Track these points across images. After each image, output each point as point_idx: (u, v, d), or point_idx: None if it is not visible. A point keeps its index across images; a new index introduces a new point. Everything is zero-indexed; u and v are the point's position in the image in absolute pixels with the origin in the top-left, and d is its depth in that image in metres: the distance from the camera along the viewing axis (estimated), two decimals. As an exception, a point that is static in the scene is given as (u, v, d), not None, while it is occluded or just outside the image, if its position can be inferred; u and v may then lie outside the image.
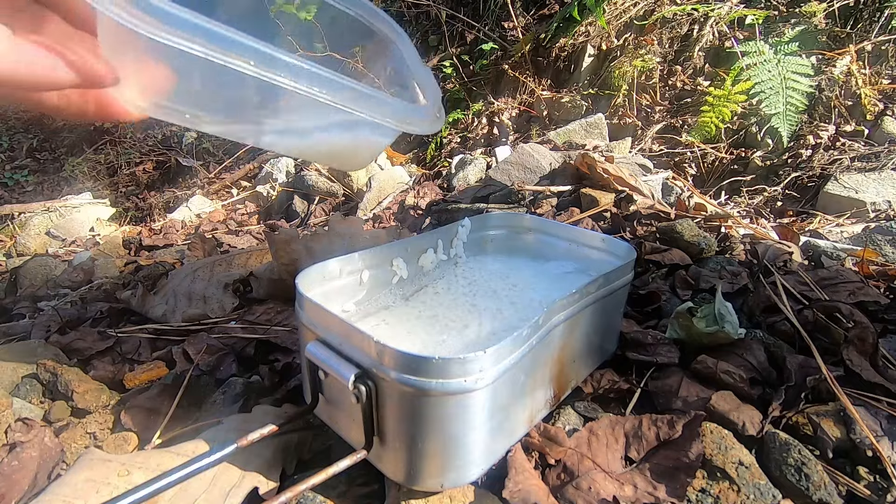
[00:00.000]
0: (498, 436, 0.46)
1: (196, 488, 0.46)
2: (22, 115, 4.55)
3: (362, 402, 0.41)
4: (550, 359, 0.51)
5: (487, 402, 0.42)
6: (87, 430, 0.61)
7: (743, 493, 0.47)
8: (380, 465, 0.45)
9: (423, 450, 0.42)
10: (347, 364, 0.42)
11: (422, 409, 0.40)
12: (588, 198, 1.15)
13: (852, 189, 1.49)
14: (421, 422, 0.41)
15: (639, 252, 0.88)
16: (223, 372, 0.70)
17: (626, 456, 0.51)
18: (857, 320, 0.65)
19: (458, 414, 0.41)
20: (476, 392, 0.40)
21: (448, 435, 0.42)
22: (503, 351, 0.41)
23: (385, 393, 0.41)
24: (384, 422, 0.42)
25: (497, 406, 0.44)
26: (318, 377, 0.47)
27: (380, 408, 0.42)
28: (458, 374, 0.39)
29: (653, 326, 0.71)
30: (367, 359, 0.41)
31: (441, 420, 0.41)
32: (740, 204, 1.65)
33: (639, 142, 1.93)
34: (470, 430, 0.42)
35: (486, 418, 0.43)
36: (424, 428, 0.41)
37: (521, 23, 2.47)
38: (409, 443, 0.42)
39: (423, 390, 0.39)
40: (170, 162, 3.41)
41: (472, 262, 0.73)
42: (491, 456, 0.47)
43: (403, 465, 0.43)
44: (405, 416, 0.41)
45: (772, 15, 1.85)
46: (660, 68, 2.04)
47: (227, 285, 0.91)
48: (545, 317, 0.47)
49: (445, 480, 0.44)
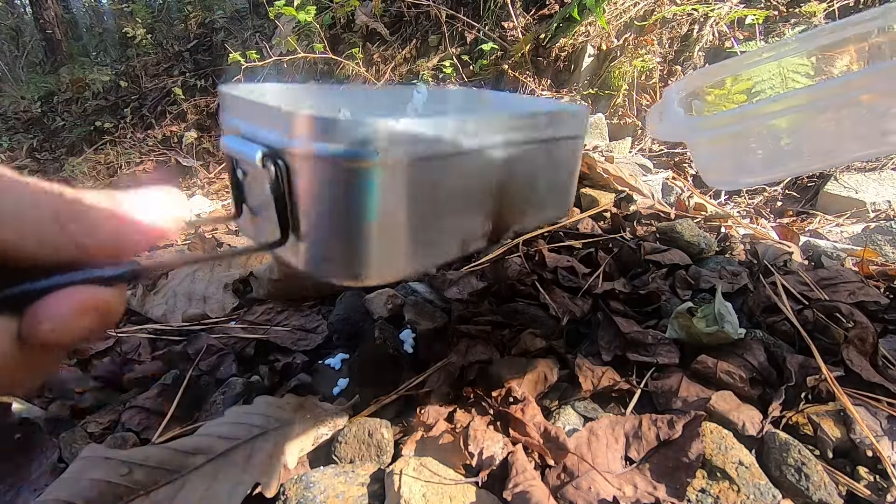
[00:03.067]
0: (422, 241, 0.44)
1: (198, 485, 0.46)
2: (22, 116, 4.56)
3: (272, 181, 0.38)
4: (486, 185, 0.49)
5: (404, 186, 0.40)
6: (87, 431, 0.61)
7: (743, 493, 0.47)
8: (294, 259, 0.43)
9: (336, 233, 0.39)
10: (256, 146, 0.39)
11: (332, 181, 0.38)
12: (588, 198, 1.15)
13: (852, 189, 1.49)
14: (332, 197, 0.38)
15: (639, 252, 0.88)
16: (223, 372, 0.70)
17: (626, 456, 0.51)
18: (857, 320, 0.65)
19: (370, 189, 0.38)
20: (389, 168, 0.38)
21: (361, 214, 0.39)
22: (422, 131, 0.39)
23: (295, 170, 0.38)
24: (297, 206, 0.40)
25: (417, 199, 0.41)
26: (237, 179, 0.45)
27: (291, 190, 0.39)
28: (369, 141, 0.36)
29: (653, 326, 0.71)
30: (276, 135, 0.39)
31: (352, 194, 0.38)
32: (740, 204, 1.66)
33: (639, 142, 1.93)
34: (386, 214, 0.40)
35: (405, 208, 0.41)
36: (335, 205, 0.38)
37: (521, 23, 2.47)
38: (320, 225, 0.39)
39: (331, 157, 0.37)
40: (170, 162, 3.41)
41: None
42: (415, 261, 0.44)
43: (317, 251, 0.41)
44: (315, 191, 0.38)
45: (772, 15, 1.85)
46: (660, 68, 2.04)
47: (227, 285, 0.91)
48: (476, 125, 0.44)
49: (362, 272, 0.41)
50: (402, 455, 0.53)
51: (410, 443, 0.54)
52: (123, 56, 5.03)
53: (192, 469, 0.48)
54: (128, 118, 3.87)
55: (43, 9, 5.72)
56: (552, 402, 0.61)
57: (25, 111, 4.59)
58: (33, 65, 6.34)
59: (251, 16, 4.00)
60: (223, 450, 0.50)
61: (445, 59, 2.61)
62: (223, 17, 4.11)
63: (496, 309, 0.76)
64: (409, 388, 0.62)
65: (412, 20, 2.89)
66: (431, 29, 2.81)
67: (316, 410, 0.58)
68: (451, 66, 2.56)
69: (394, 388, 0.62)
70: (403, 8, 2.86)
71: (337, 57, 2.65)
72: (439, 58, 2.65)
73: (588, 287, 0.79)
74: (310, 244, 0.41)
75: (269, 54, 2.76)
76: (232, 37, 3.91)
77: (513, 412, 0.54)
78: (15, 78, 5.96)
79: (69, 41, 6.18)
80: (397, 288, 0.81)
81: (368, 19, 2.91)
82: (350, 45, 2.87)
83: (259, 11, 3.82)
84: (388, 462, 0.54)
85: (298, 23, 2.71)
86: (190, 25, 4.32)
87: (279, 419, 0.56)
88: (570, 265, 0.85)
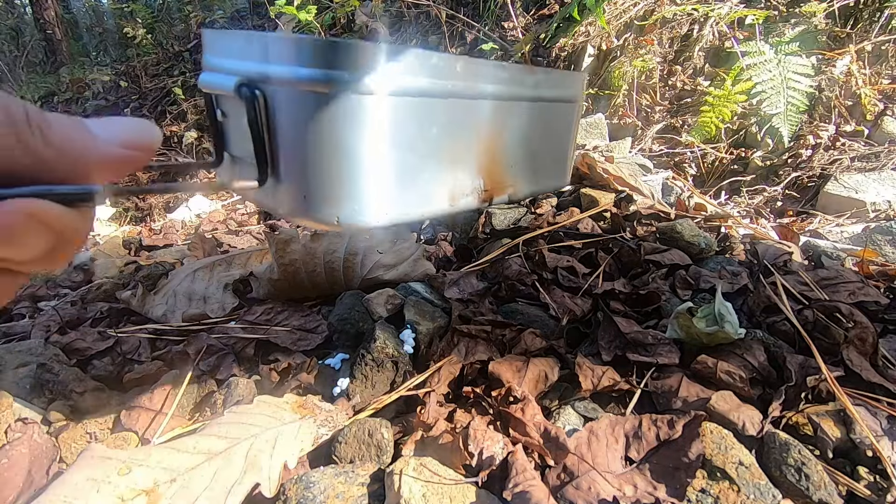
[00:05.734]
0: (407, 186, 0.42)
1: (197, 485, 0.46)
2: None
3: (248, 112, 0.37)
4: (476, 137, 0.47)
5: (387, 119, 0.38)
6: (87, 430, 0.61)
7: (743, 493, 0.47)
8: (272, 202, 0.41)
9: (314, 167, 0.38)
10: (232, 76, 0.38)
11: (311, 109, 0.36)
12: (588, 198, 1.15)
13: (852, 189, 1.49)
14: (310, 127, 0.37)
15: (639, 252, 0.88)
16: (223, 372, 0.70)
17: (626, 456, 0.51)
18: (857, 320, 0.65)
19: (350, 118, 0.37)
20: (371, 97, 0.37)
21: (341, 147, 0.38)
22: (406, 61, 0.38)
23: (273, 98, 0.37)
24: (275, 140, 0.38)
25: (402, 136, 0.40)
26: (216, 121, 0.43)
27: (269, 122, 0.38)
28: (349, 66, 0.35)
29: (653, 326, 0.71)
30: (254, 63, 0.38)
31: (332, 124, 0.37)
32: (740, 204, 1.65)
33: (639, 142, 1.93)
34: (367, 148, 0.38)
35: (388, 144, 0.39)
36: (314, 136, 0.37)
37: (521, 23, 2.47)
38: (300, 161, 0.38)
39: (310, 83, 0.35)
40: (170, 162, 3.41)
41: None
42: (399, 207, 0.42)
43: (295, 191, 0.39)
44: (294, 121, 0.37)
45: (772, 15, 1.85)
46: (660, 68, 2.04)
47: (227, 285, 0.91)
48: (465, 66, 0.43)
49: (341, 212, 0.39)
50: (402, 455, 0.53)
51: (410, 443, 0.54)
52: (123, 56, 5.03)
53: (192, 469, 0.48)
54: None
55: (43, 9, 5.72)
56: (552, 402, 0.61)
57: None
58: (33, 65, 6.34)
59: (251, 16, 4.00)
60: (223, 450, 0.50)
61: (445, 59, 2.60)
62: (223, 17, 4.11)
63: (496, 309, 0.76)
64: (409, 388, 0.62)
65: (412, 20, 2.89)
66: (431, 29, 2.80)
67: (316, 410, 0.58)
68: (451, 66, 2.55)
69: (394, 388, 0.63)
70: (403, 8, 2.86)
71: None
72: (439, 58, 2.65)
73: (588, 287, 0.79)
74: (288, 182, 0.39)
75: (269, 54, 2.76)
76: (232, 37, 3.91)
77: (513, 412, 0.54)
78: (15, 78, 5.96)
79: (69, 41, 6.17)
80: (397, 288, 0.81)
81: (368, 19, 2.92)
82: (350, 45, 2.87)
83: (259, 11, 3.82)
84: (388, 462, 0.54)
85: (299, 22, 2.71)
86: (190, 25, 4.32)
87: (279, 419, 0.56)
88: (570, 265, 0.85)
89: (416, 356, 0.69)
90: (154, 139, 0.25)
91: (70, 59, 5.86)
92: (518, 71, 0.50)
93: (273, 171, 0.39)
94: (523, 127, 0.52)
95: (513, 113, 0.50)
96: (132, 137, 0.24)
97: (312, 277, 0.84)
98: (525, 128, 0.52)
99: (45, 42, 6.04)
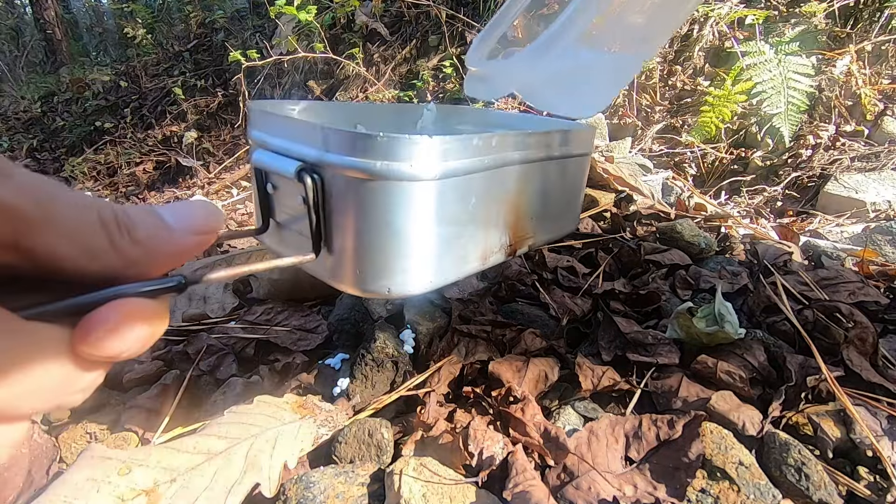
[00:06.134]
0: (448, 254, 0.46)
1: (197, 485, 0.46)
2: (22, 116, 4.56)
3: (308, 196, 0.40)
4: (505, 199, 0.51)
5: (434, 200, 0.41)
6: (87, 430, 0.61)
7: (743, 493, 0.47)
8: (325, 273, 0.44)
9: (368, 246, 0.41)
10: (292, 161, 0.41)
11: (367, 195, 0.39)
12: (588, 198, 1.15)
13: (852, 189, 1.49)
14: (366, 211, 0.40)
15: (639, 252, 0.88)
16: (223, 372, 0.70)
17: (626, 456, 0.51)
18: (857, 320, 0.65)
19: (403, 203, 0.40)
20: (421, 182, 0.40)
21: (393, 228, 0.41)
22: (451, 147, 0.41)
23: (330, 184, 0.40)
24: (330, 220, 0.41)
25: (446, 212, 0.43)
26: (266, 193, 0.46)
27: (326, 203, 0.41)
28: (403, 157, 0.39)
29: (653, 326, 0.71)
30: (312, 150, 0.40)
31: (386, 208, 0.40)
32: (740, 204, 1.66)
33: (639, 142, 1.93)
34: (417, 227, 0.41)
35: (434, 221, 0.42)
36: (369, 218, 0.40)
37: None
38: (354, 239, 0.41)
39: (367, 172, 0.38)
40: (170, 162, 3.41)
41: None
42: (441, 274, 0.46)
43: (350, 266, 0.42)
44: (350, 205, 0.40)
45: (772, 15, 1.85)
46: (660, 68, 2.04)
47: (227, 285, 0.91)
48: (499, 141, 0.46)
49: (392, 284, 0.43)
50: (402, 455, 0.53)
51: (410, 443, 0.54)
52: (123, 56, 5.03)
53: (192, 469, 0.48)
54: (128, 118, 3.87)
55: (43, 9, 5.72)
56: (552, 402, 0.61)
57: (25, 111, 4.59)
58: (33, 65, 6.34)
59: (251, 16, 4.00)
60: (223, 450, 0.50)
61: (445, 59, 2.61)
62: (223, 17, 4.11)
63: (496, 309, 0.76)
64: (409, 388, 0.62)
65: (412, 20, 2.89)
66: (431, 29, 2.80)
67: (316, 410, 0.58)
68: (451, 66, 2.56)
69: (394, 388, 0.63)
70: (403, 8, 2.86)
71: (337, 57, 2.65)
72: (439, 58, 2.65)
73: (588, 287, 0.79)
74: (341, 258, 0.42)
75: (270, 54, 2.76)
76: (232, 37, 3.91)
77: (513, 412, 0.54)
78: (15, 78, 5.96)
79: (69, 41, 6.17)
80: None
81: (368, 19, 2.92)
82: (350, 45, 2.87)
83: (259, 11, 3.82)
84: (388, 462, 0.54)
85: (299, 22, 2.71)
86: (190, 25, 4.32)
87: (279, 419, 0.56)
88: (570, 265, 0.85)
89: (416, 356, 0.69)
90: (220, 221, 0.26)
91: (70, 59, 5.86)
92: (541, 135, 0.54)
93: (326, 246, 0.42)
94: (545, 183, 0.56)
95: (538, 173, 0.54)
96: (202, 223, 0.25)
97: (312, 278, 0.83)
98: (547, 183, 0.56)
99: (45, 42, 6.04)
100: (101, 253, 0.21)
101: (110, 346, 0.21)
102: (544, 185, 0.56)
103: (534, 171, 0.53)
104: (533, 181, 0.54)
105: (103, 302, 0.21)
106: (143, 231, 0.22)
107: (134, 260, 0.22)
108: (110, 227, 0.21)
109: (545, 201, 0.58)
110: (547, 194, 0.57)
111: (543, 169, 0.55)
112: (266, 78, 3.25)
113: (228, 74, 3.61)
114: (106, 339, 0.20)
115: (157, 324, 0.23)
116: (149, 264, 0.23)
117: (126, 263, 0.22)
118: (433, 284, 0.45)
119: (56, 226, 0.19)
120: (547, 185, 0.57)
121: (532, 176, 0.54)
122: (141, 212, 0.23)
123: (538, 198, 0.56)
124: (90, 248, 0.21)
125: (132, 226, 0.22)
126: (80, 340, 0.20)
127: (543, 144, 0.54)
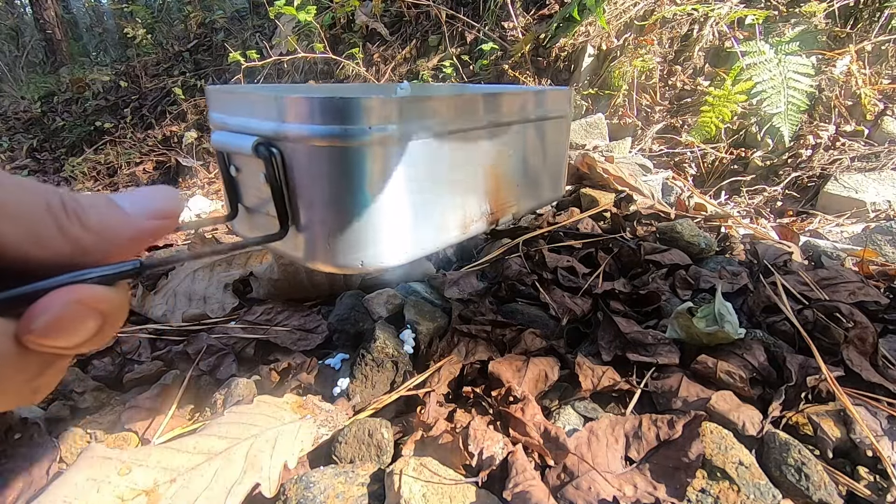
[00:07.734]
0: (424, 222, 0.44)
1: (197, 485, 0.46)
2: (22, 116, 4.55)
3: (267, 170, 0.38)
4: (481, 163, 0.49)
5: (400, 164, 0.40)
6: (87, 430, 0.61)
7: (743, 493, 0.47)
8: (294, 252, 0.42)
9: (335, 217, 0.39)
10: (249, 137, 0.39)
11: (327, 163, 0.38)
12: (588, 198, 1.15)
13: (852, 189, 1.49)
14: (328, 180, 0.38)
15: (639, 252, 0.88)
16: (223, 372, 0.70)
17: (626, 456, 0.51)
18: (857, 320, 0.65)
19: (365, 169, 0.38)
20: (382, 147, 0.38)
21: (359, 197, 0.39)
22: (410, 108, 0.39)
23: (290, 157, 0.38)
24: (294, 194, 0.39)
25: (415, 178, 0.41)
26: (231, 176, 0.44)
27: (288, 177, 0.39)
28: (360, 120, 0.37)
29: (653, 326, 0.71)
30: (269, 123, 0.39)
31: (348, 176, 0.38)
32: (740, 204, 1.65)
33: (639, 142, 1.93)
34: (385, 195, 0.39)
35: (404, 188, 0.40)
36: (332, 188, 0.38)
37: (521, 23, 2.47)
38: (320, 212, 0.39)
39: (324, 138, 0.37)
40: (170, 162, 3.41)
41: None
42: (418, 244, 0.44)
43: (319, 242, 0.40)
44: (312, 176, 0.38)
45: (772, 15, 1.85)
46: (660, 68, 2.04)
47: (227, 285, 0.91)
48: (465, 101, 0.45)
49: (365, 257, 0.41)
50: (402, 455, 0.53)
51: (410, 443, 0.54)
52: (123, 56, 5.03)
53: (192, 469, 0.48)
54: (128, 118, 3.87)
55: (43, 9, 5.72)
56: (552, 402, 0.61)
57: (25, 111, 4.58)
58: (33, 65, 6.34)
59: (251, 16, 4.00)
60: (223, 450, 0.50)
61: (445, 59, 2.60)
62: (223, 17, 4.11)
63: (496, 309, 0.76)
64: (409, 388, 0.62)
65: (412, 20, 2.89)
66: (431, 29, 2.80)
67: (316, 410, 0.58)
68: (451, 66, 2.56)
69: (394, 388, 0.62)
70: (403, 8, 2.86)
71: (337, 57, 2.65)
72: (439, 58, 2.65)
73: (588, 287, 0.79)
74: (310, 233, 0.40)
75: (269, 54, 2.76)
76: (232, 37, 3.91)
77: (513, 412, 0.54)
78: (15, 78, 5.96)
79: (69, 41, 6.17)
80: (397, 288, 0.81)
81: (368, 19, 2.91)
82: (350, 45, 2.87)
83: (259, 11, 3.82)
84: (388, 462, 0.54)
85: (298, 23, 2.71)
86: (190, 25, 4.32)
87: (279, 419, 0.56)
88: (570, 265, 0.85)
89: (416, 356, 0.68)
90: (179, 205, 0.25)
91: (70, 59, 5.86)
92: (509, 96, 0.52)
93: (293, 223, 0.41)
94: (521, 147, 0.54)
95: (513, 136, 0.53)
96: (159, 207, 0.24)
97: (312, 277, 0.84)
98: (523, 147, 0.55)
99: (45, 42, 6.04)
100: (50, 239, 0.20)
101: (57, 336, 0.20)
102: (522, 150, 0.54)
103: (509, 134, 0.51)
104: (509, 145, 0.52)
105: (51, 290, 0.20)
106: (94, 217, 0.21)
107: (87, 247, 0.21)
108: (57, 213, 0.20)
109: (525, 167, 0.55)
110: (526, 158, 0.55)
111: (519, 132, 0.53)
112: (266, 78, 3.25)
113: (228, 75, 3.61)
114: (52, 328, 0.19)
115: (113, 311, 0.21)
116: (105, 251, 0.22)
117: (78, 251, 0.21)
118: (410, 255, 0.43)
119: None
120: (525, 150, 0.55)
121: (508, 139, 0.51)
122: (93, 197, 0.22)
123: (517, 163, 0.54)
124: (36, 234, 0.20)
125: (82, 211, 0.21)
126: (23, 331, 0.19)
127: (516, 105, 0.52)
